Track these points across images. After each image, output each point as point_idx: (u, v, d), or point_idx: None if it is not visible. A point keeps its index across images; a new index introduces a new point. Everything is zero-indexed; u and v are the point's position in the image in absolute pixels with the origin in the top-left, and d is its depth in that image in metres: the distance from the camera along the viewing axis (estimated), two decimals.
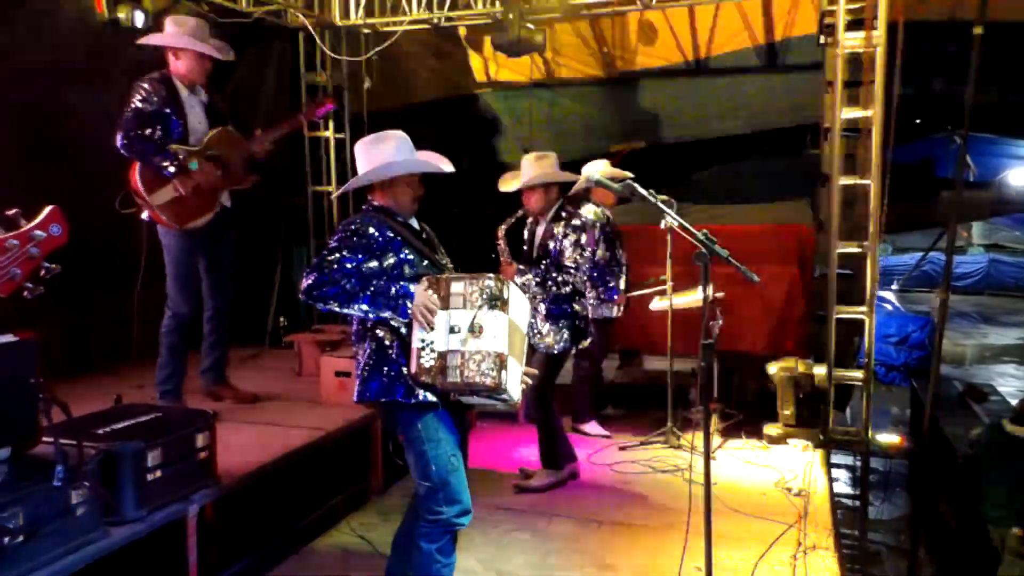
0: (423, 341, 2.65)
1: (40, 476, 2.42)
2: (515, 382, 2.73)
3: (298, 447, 3.65)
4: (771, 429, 5.20)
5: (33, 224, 1.97)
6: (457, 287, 2.68)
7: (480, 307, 2.63)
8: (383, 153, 2.86)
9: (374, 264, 2.73)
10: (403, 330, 2.72)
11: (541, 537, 3.81)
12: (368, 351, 2.78)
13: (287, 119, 4.47)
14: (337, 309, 2.67)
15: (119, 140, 3.84)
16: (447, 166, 3.04)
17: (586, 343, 4.38)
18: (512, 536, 3.82)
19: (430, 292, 2.68)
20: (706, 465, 2.70)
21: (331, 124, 7.41)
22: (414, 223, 2.98)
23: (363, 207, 2.94)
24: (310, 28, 6.41)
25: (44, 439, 2.57)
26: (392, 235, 2.79)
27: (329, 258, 2.68)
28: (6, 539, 2.27)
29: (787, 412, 5.32)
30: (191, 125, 4.05)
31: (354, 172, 2.97)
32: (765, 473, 4.65)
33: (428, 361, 2.64)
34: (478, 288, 2.65)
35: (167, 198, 3.94)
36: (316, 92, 6.99)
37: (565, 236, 4.14)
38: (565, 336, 4.22)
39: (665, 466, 4.75)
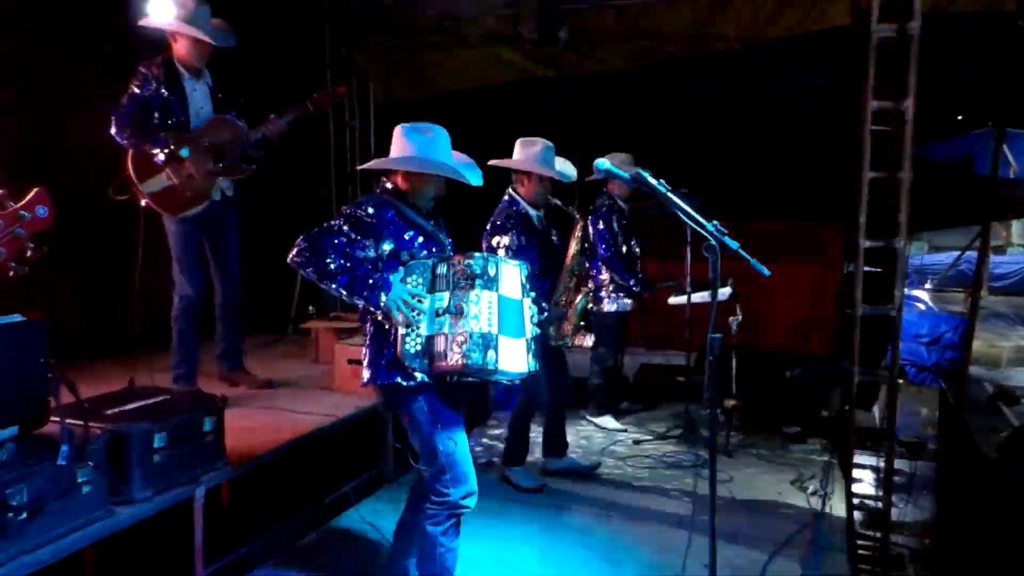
0: (407, 326, 2.62)
1: (46, 455, 2.44)
2: (512, 358, 2.64)
3: (307, 432, 3.65)
4: (791, 428, 5.11)
5: (20, 205, 1.97)
6: (441, 269, 2.64)
7: (459, 286, 2.59)
8: (420, 145, 2.81)
9: (369, 247, 2.69)
10: None
11: (550, 530, 3.79)
12: (370, 333, 2.78)
13: (297, 105, 4.24)
14: (315, 280, 2.63)
15: (112, 126, 3.78)
16: (475, 178, 2.99)
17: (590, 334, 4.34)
18: (521, 528, 3.80)
19: (415, 277, 2.65)
20: (711, 459, 2.63)
21: (357, 113, 7.44)
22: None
23: (377, 186, 2.88)
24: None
25: (52, 419, 2.61)
26: (394, 218, 2.73)
27: (324, 230, 2.66)
28: (10, 515, 2.31)
29: (808, 411, 5.24)
30: (193, 110, 3.98)
31: (378, 157, 2.92)
32: (782, 471, 4.57)
33: (413, 346, 2.61)
34: (460, 267, 2.62)
35: (159, 187, 3.88)
36: (338, 78, 7.01)
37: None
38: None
39: (678, 461, 4.70)
